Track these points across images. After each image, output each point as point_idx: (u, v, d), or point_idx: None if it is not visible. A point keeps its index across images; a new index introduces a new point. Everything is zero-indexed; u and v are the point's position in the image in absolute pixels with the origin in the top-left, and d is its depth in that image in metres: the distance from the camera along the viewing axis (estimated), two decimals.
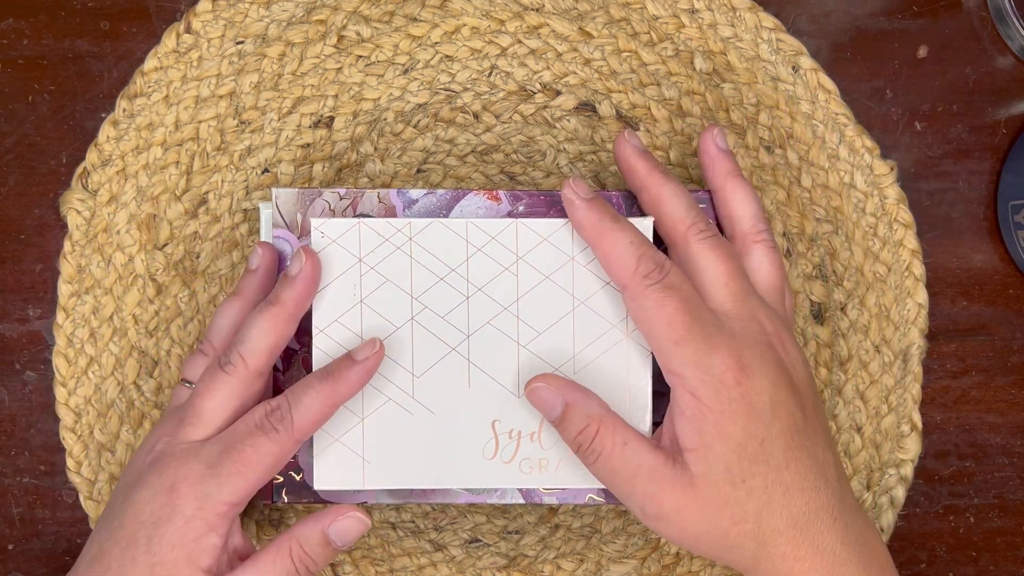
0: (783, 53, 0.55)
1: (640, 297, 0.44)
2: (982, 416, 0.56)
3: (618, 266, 0.44)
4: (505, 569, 0.55)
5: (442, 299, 0.48)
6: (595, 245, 0.45)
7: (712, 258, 0.45)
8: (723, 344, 0.43)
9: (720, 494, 0.43)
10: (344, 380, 0.45)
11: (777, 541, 0.43)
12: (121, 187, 0.54)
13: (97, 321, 0.54)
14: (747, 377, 0.43)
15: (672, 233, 0.46)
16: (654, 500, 0.43)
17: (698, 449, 0.43)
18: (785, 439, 0.43)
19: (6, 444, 0.55)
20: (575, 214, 0.45)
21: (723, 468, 0.43)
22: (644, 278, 0.44)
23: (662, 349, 0.44)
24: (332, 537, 0.45)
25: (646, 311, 0.44)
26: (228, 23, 0.55)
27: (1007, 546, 0.56)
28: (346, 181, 0.55)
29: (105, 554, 0.44)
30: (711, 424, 0.43)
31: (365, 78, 0.55)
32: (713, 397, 0.43)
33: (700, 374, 0.43)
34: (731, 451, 0.43)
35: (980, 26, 0.56)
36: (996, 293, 0.56)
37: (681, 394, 0.43)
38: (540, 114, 0.55)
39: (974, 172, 0.56)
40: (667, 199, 0.46)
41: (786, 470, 0.43)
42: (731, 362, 0.43)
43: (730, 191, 0.48)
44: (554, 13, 0.55)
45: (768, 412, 0.43)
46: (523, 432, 0.48)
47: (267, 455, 0.44)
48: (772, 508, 0.43)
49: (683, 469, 0.43)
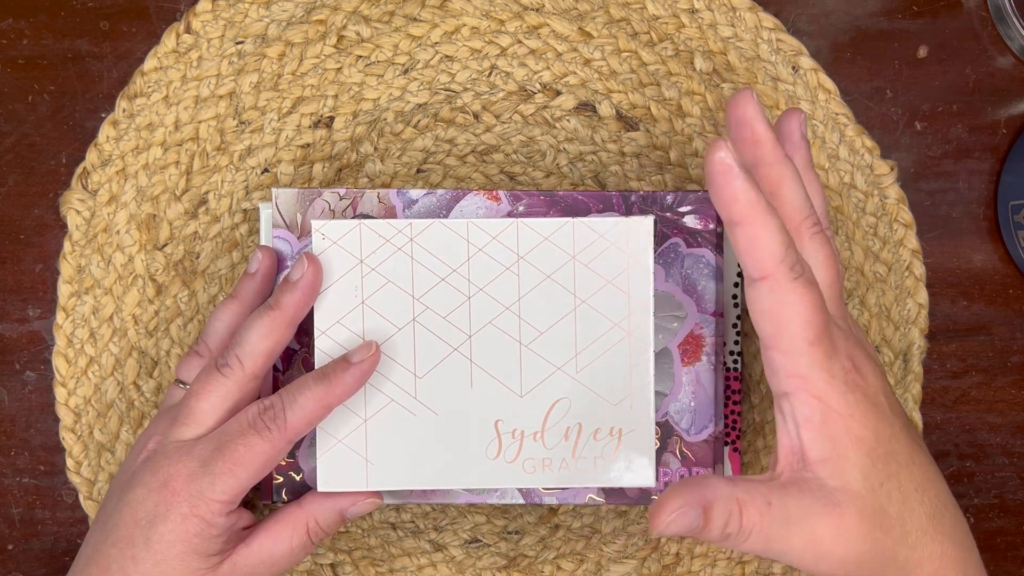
0: (783, 53, 0.55)
1: (783, 289, 0.39)
2: (982, 416, 0.56)
3: (766, 252, 0.39)
4: (505, 569, 0.55)
5: (443, 299, 0.48)
6: (742, 223, 0.39)
7: (822, 256, 0.43)
8: (842, 346, 0.41)
9: (866, 504, 0.40)
10: (339, 382, 0.45)
11: (924, 542, 0.41)
12: (121, 187, 0.54)
13: (97, 321, 0.54)
14: (863, 377, 0.41)
15: (787, 221, 0.42)
16: (812, 542, 0.39)
17: (831, 458, 0.40)
18: (906, 435, 0.42)
19: (6, 444, 0.55)
20: (731, 183, 0.38)
21: (860, 476, 0.40)
22: (791, 269, 0.39)
23: (792, 348, 0.40)
24: (348, 516, 0.48)
25: (786, 305, 0.39)
26: (228, 23, 0.55)
27: (1007, 546, 0.56)
28: (346, 181, 0.55)
29: (102, 555, 0.45)
30: (841, 429, 0.40)
31: (365, 78, 0.55)
32: (841, 400, 0.40)
33: (827, 376, 0.40)
34: (865, 455, 0.40)
35: (980, 26, 0.56)
36: (996, 293, 0.56)
37: (806, 400, 0.40)
38: (540, 114, 0.55)
39: (974, 172, 0.56)
40: (788, 183, 0.42)
41: (913, 466, 0.41)
42: (848, 364, 0.41)
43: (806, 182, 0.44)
44: (554, 13, 0.55)
45: (888, 410, 0.41)
46: (526, 432, 0.48)
47: (259, 454, 0.44)
48: (911, 507, 0.41)
49: (820, 488, 0.40)
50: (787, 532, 0.39)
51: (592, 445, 0.48)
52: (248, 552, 0.46)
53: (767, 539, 0.39)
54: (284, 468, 0.49)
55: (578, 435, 0.48)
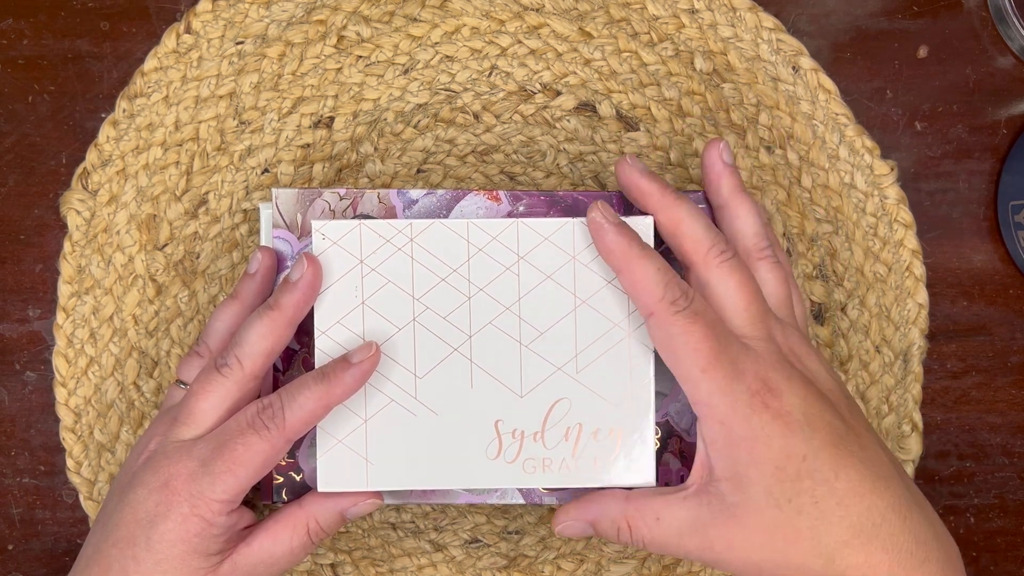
0: (783, 53, 0.55)
1: (667, 324, 0.43)
2: (982, 416, 0.56)
3: (646, 293, 0.44)
4: (505, 569, 0.55)
5: (444, 300, 0.48)
6: (622, 271, 0.44)
7: (732, 282, 0.44)
8: (748, 368, 0.43)
9: (765, 518, 0.42)
10: (339, 382, 0.45)
11: (844, 552, 0.42)
12: (121, 187, 0.54)
13: (97, 321, 0.54)
14: (776, 398, 0.42)
15: (691, 255, 0.45)
16: (707, 546, 0.43)
17: (733, 478, 0.43)
18: (829, 450, 0.42)
19: (6, 444, 0.55)
20: (604, 238, 0.45)
21: (763, 493, 0.42)
22: (671, 304, 0.43)
23: (689, 377, 0.43)
24: (348, 516, 0.48)
25: (673, 338, 0.43)
26: (228, 23, 0.55)
27: (1007, 546, 0.56)
28: (346, 181, 0.55)
29: (103, 554, 0.45)
30: (744, 452, 0.42)
31: (365, 78, 0.55)
32: (744, 424, 0.42)
33: (729, 401, 0.42)
34: (769, 475, 0.42)
35: (980, 26, 0.56)
36: (996, 293, 0.56)
37: (711, 424, 0.43)
38: (540, 114, 0.55)
39: (974, 172, 0.56)
40: (686, 221, 0.45)
41: (836, 480, 0.42)
42: (757, 385, 0.42)
43: (735, 208, 0.47)
44: (554, 13, 0.55)
45: (805, 427, 0.42)
46: (526, 432, 0.48)
47: (258, 453, 0.44)
48: (828, 520, 0.42)
49: (720, 502, 0.43)
50: (680, 540, 0.44)
51: (592, 445, 0.48)
52: (248, 552, 0.46)
53: (662, 546, 0.44)
54: (284, 468, 0.49)
55: (578, 435, 0.48)
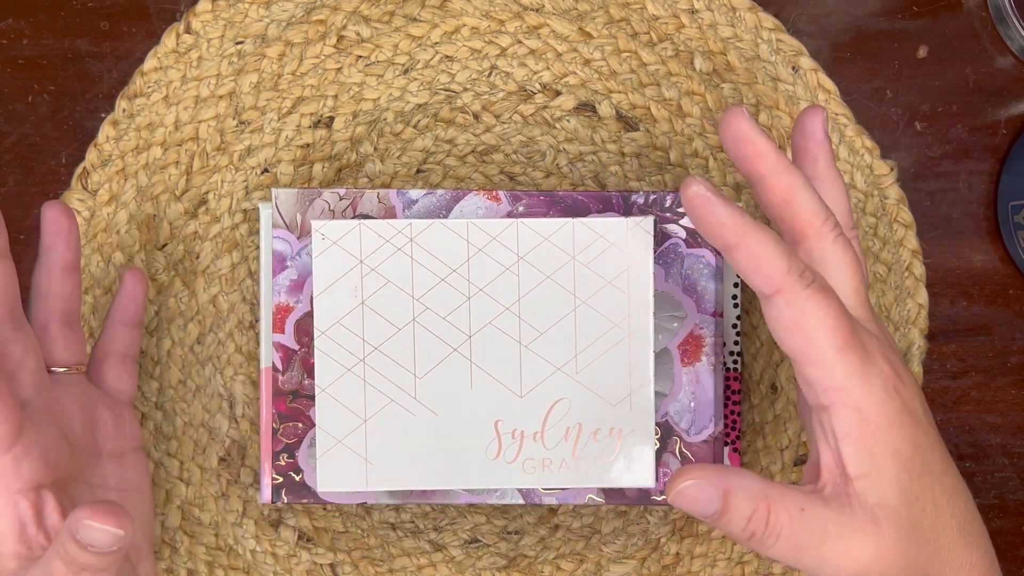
0: (783, 53, 0.55)
1: (799, 299, 0.38)
2: (982, 416, 0.56)
3: (771, 266, 0.38)
4: (505, 569, 0.55)
5: (443, 300, 0.48)
6: (738, 246, 0.38)
7: (847, 260, 0.41)
8: (877, 352, 0.39)
9: (902, 519, 0.38)
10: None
11: (956, 554, 0.40)
12: (121, 187, 0.54)
13: (97, 321, 0.54)
14: (903, 384, 0.39)
15: (807, 227, 0.41)
16: (848, 559, 0.38)
17: (870, 474, 0.38)
18: (940, 444, 0.40)
19: None
20: (712, 211, 0.38)
21: (897, 490, 0.38)
22: (800, 277, 0.38)
23: (823, 359, 0.38)
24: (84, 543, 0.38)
25: (806, 315, 0.38)
26: (228, 23, 0.55)
27: (1007, 546, 0.56)
28: (346, 181, 0.55)
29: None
30: (880, 443, 0.38)
31: (365, 78, 0.55)
32: (880, 411, 0.38)
33: (865, 387, 0.38)
34: (901, 469, 0.39)
35: (980, 26, 0.56)
36: (996, 293, 0.56)
37: (845, 412, 0.38)
38: (540, 114, 0.55)
39: (974, 172, 0.56)
40: (800, 191, 0.40)
41: (945, 476, 0.40)
42: (888, 370, 0.39)
43: (829, 182, 0.44)
44: (554, 13, 0.55)
45: (924, 419, 0.40)
46: (526, 432, 0.48)
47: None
48: (944, 520, 0.39)
49: (862, 505, 0.38)
50: (821, 544, 0.38)
51: (592, 445, 0.48)
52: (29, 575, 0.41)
53: (797, 547, 0.38)
54: (284, 468, 0.49)
55: (578, 435, 0.48)
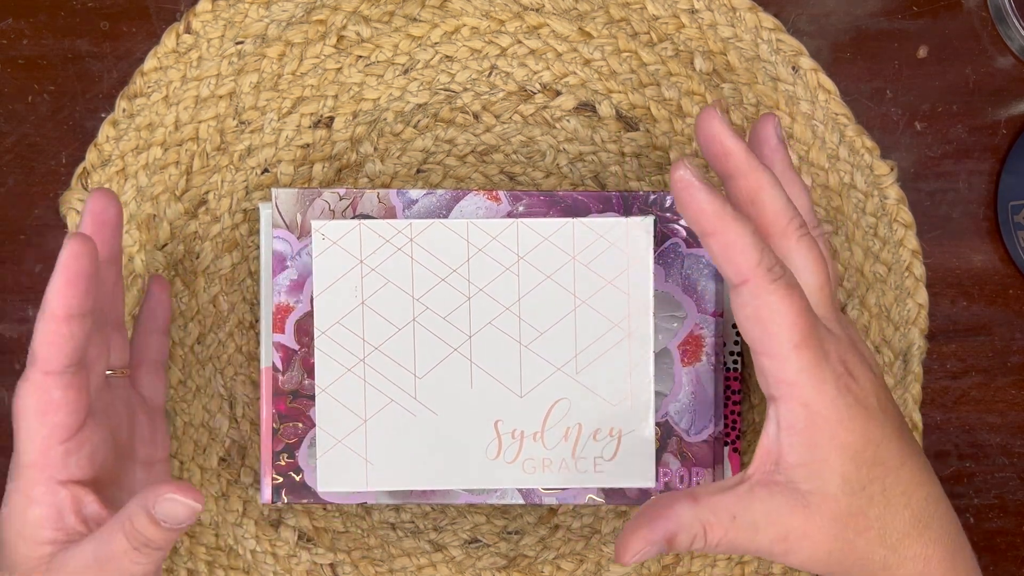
0: (783, 53, 0.55)
1: (764, 292, 0.40)
2: (982, 416, 0.56)
3: (742, 257, 0.40)
4: (505, 569, 0.55)
5: (443, 300, 0.48)
6: (714, 233, 0.40)
7: (811, 258, 0.42)
8: (832, 349, 0.41)
9: (841, 506, 0.41)
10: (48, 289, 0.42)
11: (905, 543, 0.41)
12: (121, 187, 0.54)
13: None
14: (855, 381, 0.41)
15: (772, 226, 0.42)
16: (780, 537, 0.41)
17: (810, 463, 0.41)
18: (897, 437, 0.42)
19: (6, 444, 0.55)
20: (695, 197, 0.40)
21: (839, 479, 0.41)
22: (768, 271, 0.40)
23: (778, 353, 0.40)
24: (160, 517, 0.41)
25: (768, 308, 0.40)
26: (228, 23, 0.55)
27: (1007, 546, 0.56)
28: (346, 181, 0.55)
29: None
30: (825, 436, 0.40)
31: (365, 78, 0.55)
32: (830, 406, 0.40)
33: (816, 382, 0.40)
34: (848, 460, 0.41)
35: (980, 26, 0.56)
36: (996, 293, 0.56)
37: (792, 406, 0.41)
38: (540, 114, 0.55)
39: (974, 172, 0.56)
40: (767, 188, 0.42)
41: (902, 468, 0.41)
42: (841, 368, 0.41)
43: (788, 184, 0.45)
44: (554, 13, 0.55)
45: (880, 413, 0.41)
46: (526, 432, 0.48)
47: (27, 397, 0.42)
48: (894, 510, 0.41)
49: (793, 491, 0.41)
50: (753, 536, 0.41)
51: (592, 445, 0.48)
52: (76, 551, 0.43)
53: (732, 546, 0.42)
54: (284, 468, 0.49)
55: (578, 435, 0.48)
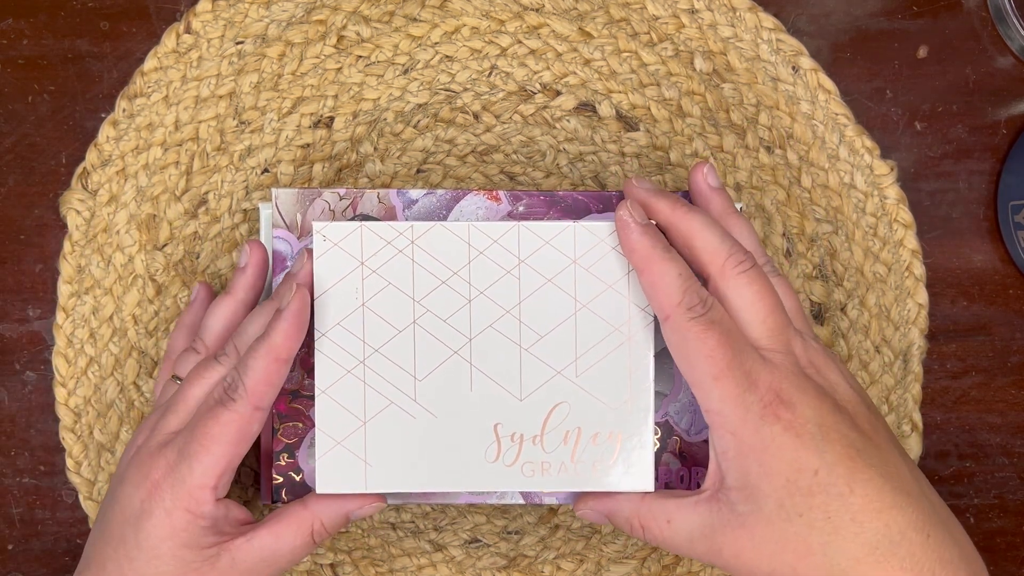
0: (783, 53, 0.55)
1: (682, 329, 0.43)
2: (982, 416, 0.56)
3: (664, 295, 0.43)
4: (505, 569, 0.55)
5: (444, 302, 0.48)
6: (643, 271, 0.44)
7: (751, 293, 0.44)
8: (762, 379, 0.42)
9: (775, 530, 0.42)
10: (278, 332, 0.44)
11: (858, 570, 0.41)
12: (121, 187, 0.54)
13: (97, 321, 0.54)
14: (788, 409, 0.42)
15: (708, 267, 0.45)
16: (715, 551, 0.43)
17: (744, 488, 0.42)
18: (845, 463, 0.41)
19: (6, 444, 0.55)
20: (629, 236, 0.45)
21: (774, 505, 0.42)
22: (688, 310, 0.43)
23: (701, 385, 0.43)
24: (352, 518, 0.48)
25: (687, 343, 0.43)
26: (228, 23, 0.55)
27: (1007, 546, 0.56)
28: (346, 181, 0.55)
29: (98, 553, 0.45)
30: (754, 463, 0.42)
31: (365, 78, 0.55)
32: (754, 435, 0.42)
33: (740, 412, 0.42)
34: (780, 488, 0.41)
35: (980, 26, 0.56)
36: (996, 293, 0.56)
37: (721, 434, 0.43)
38: (540, 114, 0.55)
39: (974, 172, 0.56)
40: (699, 233, 0.45)
41: (851, 495, 0.41)
42: (770, 397, 0.42)
43: (729, 227, 0.47)
44: (554, 13, 0.55)
45: (819, 440, 0.42)
46: (525, 435, 0.48)
47: (227, 425, 0.44)
48: (841, 536, 0.41)
49: (730, 511, 0.43)
50: (690, 544, 0.44)
51: (591, 449, 0.48)
52: (249, 548, 0.46)
53: (673, 548, 0.45)
54: (284, 468, 0.49)
55: (577, 439, 0.48)
